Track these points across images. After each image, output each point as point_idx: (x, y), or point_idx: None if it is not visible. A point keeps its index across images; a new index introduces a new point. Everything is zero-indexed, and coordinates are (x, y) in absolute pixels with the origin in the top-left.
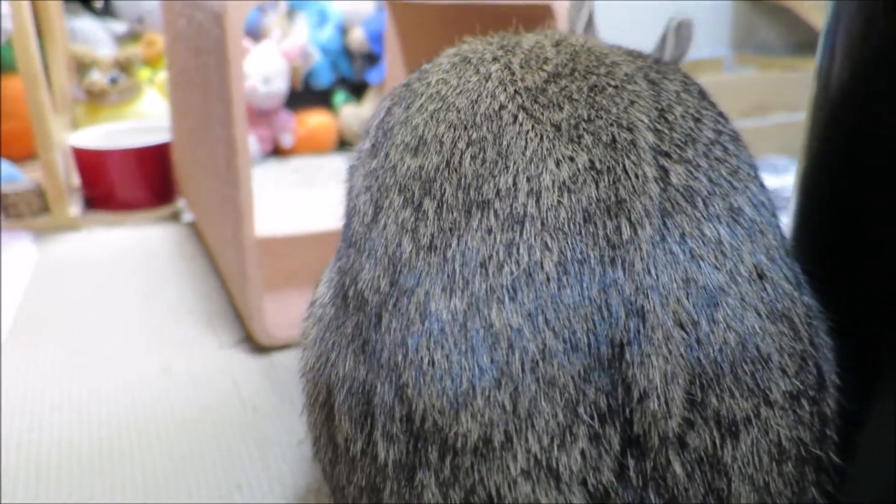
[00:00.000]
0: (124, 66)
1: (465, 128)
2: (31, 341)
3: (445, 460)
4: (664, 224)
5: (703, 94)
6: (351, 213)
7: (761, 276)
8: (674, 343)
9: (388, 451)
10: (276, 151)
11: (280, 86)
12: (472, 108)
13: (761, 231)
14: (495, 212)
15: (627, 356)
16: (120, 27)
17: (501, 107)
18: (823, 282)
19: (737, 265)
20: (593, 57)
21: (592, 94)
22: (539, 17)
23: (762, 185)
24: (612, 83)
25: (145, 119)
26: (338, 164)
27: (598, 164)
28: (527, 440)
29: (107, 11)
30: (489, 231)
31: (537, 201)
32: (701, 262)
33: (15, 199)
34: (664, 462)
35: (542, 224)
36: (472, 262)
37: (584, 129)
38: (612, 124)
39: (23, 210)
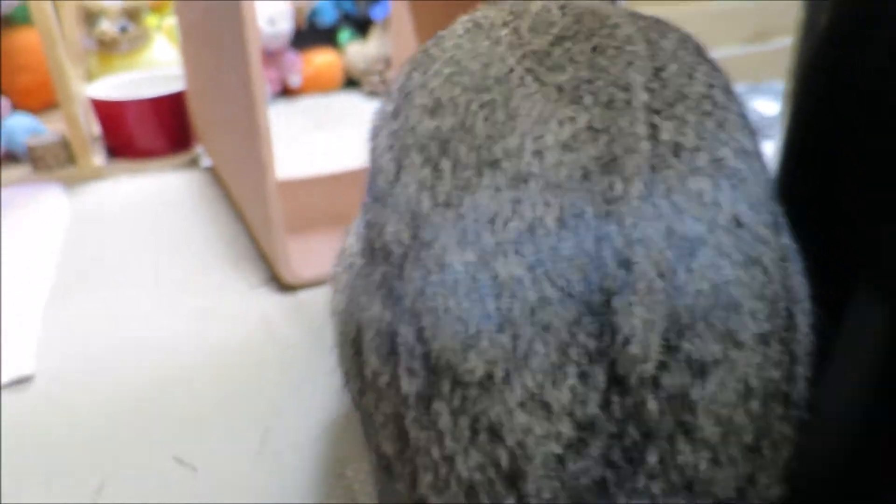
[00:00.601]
0: (132, 15)
1: (478, 91)
2: (74, 290)
3: (456, 392)
4: (652, 179)
5: (698, 50)
6: (376, 171)
7: (739, 225)
8: (654, 292)
9: (409, 384)
10: (284, 92)
11: (285, 26)
12: (484, 71)
13: (743, 179)
14: (503, 170)
15: (614, 304)
16: None
17: (511, 70)
18: (805, 216)
19: (716, 216)
20: (597, 19)
21: (594, 56)
22: None
23: (751, 133)
24: (613, 44)
25: (158, 68)
26: (346, 103)
27: (596, 124)
28: (523, 377)
29: None
30: (498, 189)
31: (541, 160)
32: (683, 215)
33: (42, 152)
34: (640, 399)
35: (545, 182)
36: (482, 218)
37: (584, 89)
38: (610, 85)
39: (50, 162)
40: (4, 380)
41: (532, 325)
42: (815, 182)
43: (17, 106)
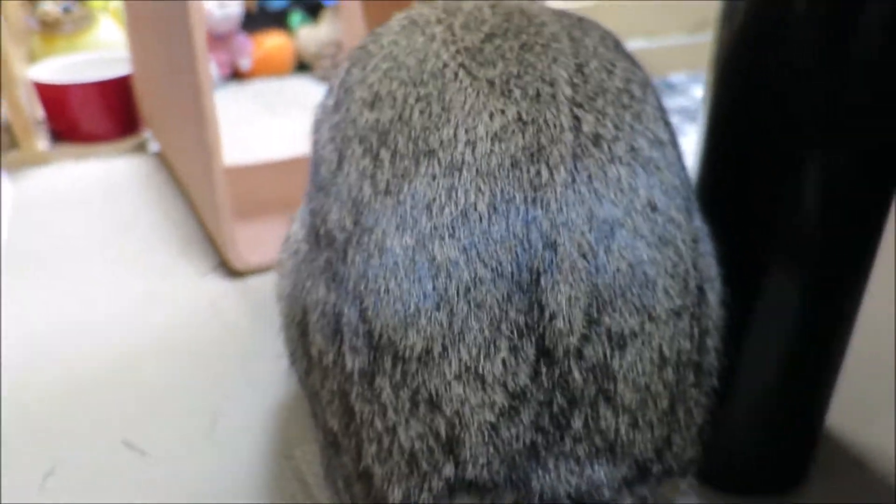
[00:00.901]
0: None
1: (415, 84)
2: (19, 276)
3: (397, 367)
4: (575, 167)
5: (617, 46)
6: (318, 161)
7: (654, 209)
8: (577, 271)
9: (353, 361)
10: (235, 75)
11: (235, 9)
12: (420, 66)
13: (657, 167)
14: (439, 160)
15: (542, 282)
16: None
17: (445, 65)
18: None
19: (632, 200)
20: (525, 18)
21: (522, 52)
22: None
23: (666, 124)
24: (540, 41)
25: (103, 50)
26: (297, 88)
27: (524, 116)
28: (459, 351)
29: None
30: (434, 177)
31: (473, 150)
32: (602, 200)
33: None
34: (566, 370)
35: (477, 170)
36: (419, 204)
37: (514, 84)
38: (537, 79)
39: None
40: None
41: (466, 302)
42: (731, 170)
43: None
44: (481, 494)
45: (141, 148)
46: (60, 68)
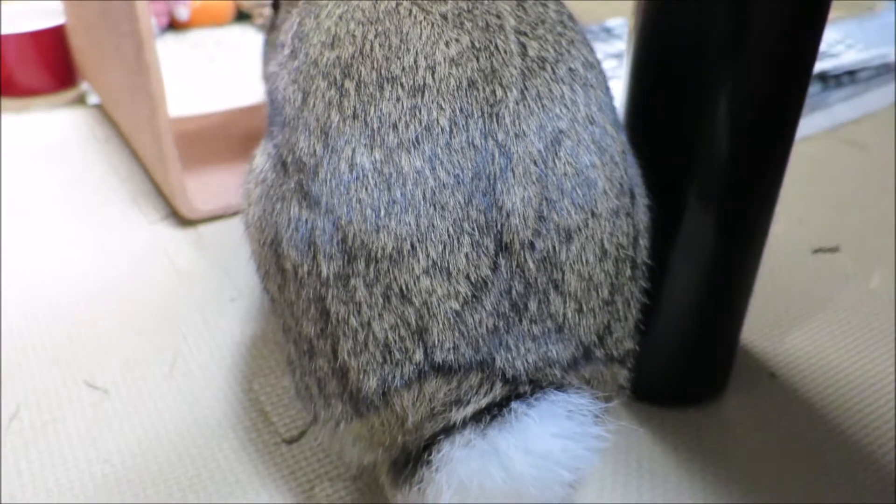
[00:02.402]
0: None
1: (371, 23)
2: None
3: (370, 267)
4: (525, 86)
5: None
6: (280, 102)
7: (592, 122)
8: (529, 175)
9: (328, 267)
10: (172, 25)
11: None
12: (375, 6)
13: (592, 86)
14: (401, 84)
15: (499, 185)
16: None
17: (398, 3)
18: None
19: (575, 114)
20: None
21: None
22: None
23: (591, 50)
24: None
25: (33, 1)
26: (237, 37)
27: (476, 44)
28: (426, 248)
29: None
30: (398, 99)
31: (433, 73)
32: (550, 113)
33: None
34: (522, 260)
35: (437, 91)
36: (386, 123)
37: (464, 17)
38: (485, 13)
39: None
40: None
41: (432, 205)
42: (652, 108)
43: None
44: (449, 376)
45: (80, 100)
46: None
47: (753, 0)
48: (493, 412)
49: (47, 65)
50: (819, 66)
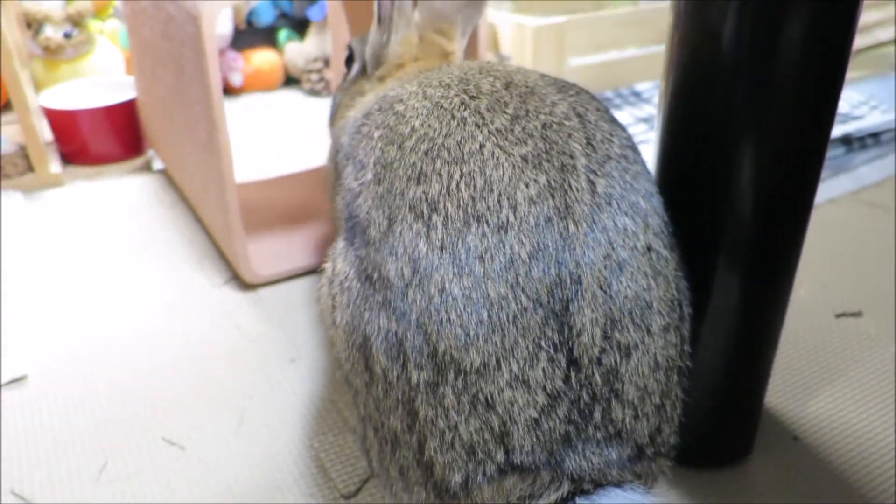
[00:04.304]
0: (76, 21)
1: (458, 163)
2: (50, 293)
3: (459, 378)
4: (594, 221)
5: (612, 119)
6: (363, 221)
7: (649, 249)
8: (596, 299)
9: (419, 376)
10: (226, 90)
11: (225, 26)
12: (459, 147)
13: (649, 215)
14: (487, 222)
15: (570, 309)
16: None
17: (481, 146)
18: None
19: (635, 244)
20: (538, 98)
21: (544, 131)
22: None
23: (650, 180)
24: (555, 121)
25: (104, 73)
26: (285, 101)
27: (552, 183)
28: (509, 364)
29: None
30: (484, 235)
31: (515, 212)
32: (614, 244)
33: (2, 162)
34: (590, 374)
35: (519, 228)
36: (473, 255)
37: (542, 158)
38: (560, 153)
39: (10, 171)
40: (1, 380)
41: (514, 327)
42: (681, 171)
43: None
44: (524, 475)
45: (146, 167)
46: (69, 94)
47: (776, 68)
48: None
49: (117, 135)
50: (843, 128)
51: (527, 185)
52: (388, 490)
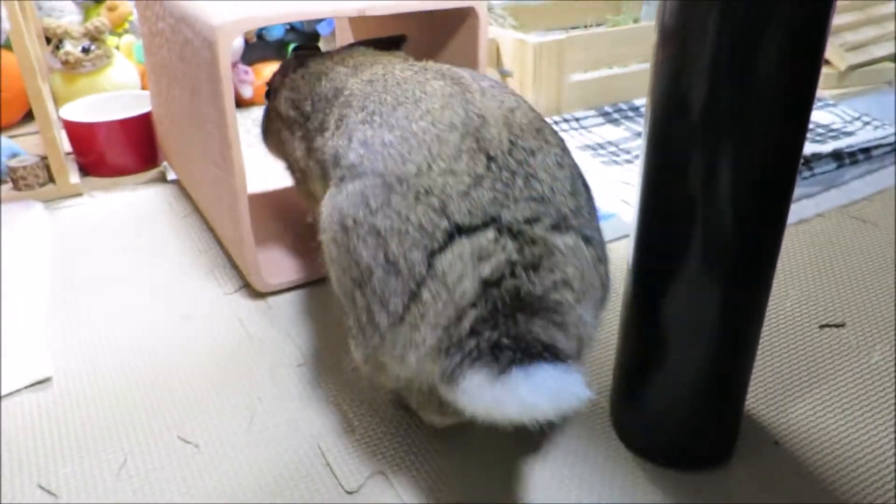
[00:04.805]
0: (94, 36)
1: (396, 85)
2: (68, 300)
3: (402, 184)
4: (483, 94)
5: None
6: (332, 150)
7: (532, 109)
8: (499, 123)
9: (375, 202)
10: (237, 103)
11: (236, 41)
12: (401, 85)
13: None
14: (406, 103)
15: (481, 129)
16: None
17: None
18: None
19: (519, 102)
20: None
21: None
22: (464, 17)
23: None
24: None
25: (121, 87)
26: None
27: (451, 83)
28: (438, 164)
29: None
30: (406, 108)
31: (425, 92)
32: (504, 101)
33: (24, 173)
34: (505, 161)
35: (430, 98)
36: (401, 117)
37: (442, 74)
38: (453, 77)
39: (32, 182)
40: (27, 382)
41: (437, 142)
42: (665, 177)
43: None
44: (470, 236)
45: (160, 178)
46: (87, 108)
47: (753, 83)
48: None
49: (134, 148)
50: (835, 144)
51: (431, 80)
52: (373, 331)
